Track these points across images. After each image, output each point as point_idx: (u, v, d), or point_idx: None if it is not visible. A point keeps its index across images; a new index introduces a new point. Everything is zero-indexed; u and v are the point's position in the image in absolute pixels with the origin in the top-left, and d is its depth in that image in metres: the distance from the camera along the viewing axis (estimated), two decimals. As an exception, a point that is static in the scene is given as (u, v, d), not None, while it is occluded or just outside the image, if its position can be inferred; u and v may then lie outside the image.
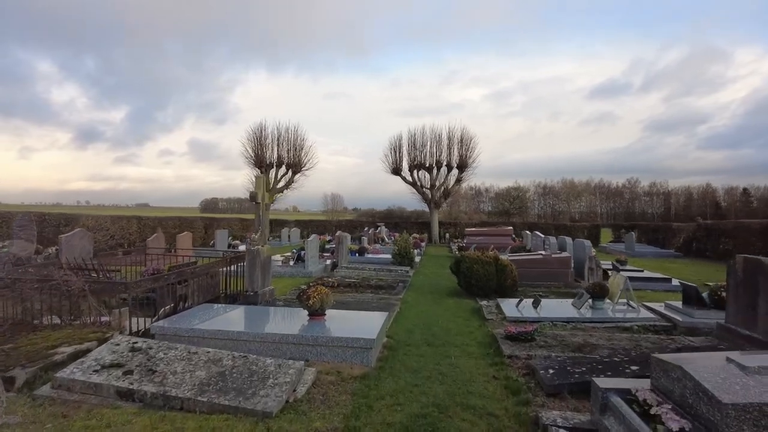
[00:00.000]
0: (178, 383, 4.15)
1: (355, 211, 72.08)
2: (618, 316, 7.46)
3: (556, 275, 11.59)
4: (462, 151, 27.87)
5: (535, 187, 73.38)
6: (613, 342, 6.08)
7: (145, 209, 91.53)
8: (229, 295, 8.04)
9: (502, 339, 6.09)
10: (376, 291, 9.87)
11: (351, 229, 28.73)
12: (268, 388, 4.13)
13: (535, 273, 11.40)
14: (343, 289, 10.10)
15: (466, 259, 9.72)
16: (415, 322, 7.30)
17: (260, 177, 7.74)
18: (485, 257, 9.67)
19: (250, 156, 27.89)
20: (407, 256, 14.00)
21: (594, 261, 9.71)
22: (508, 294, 9.48)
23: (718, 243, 20.35)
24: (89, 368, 4.31)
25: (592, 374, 4.49)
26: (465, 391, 4.53)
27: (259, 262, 7.57)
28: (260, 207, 7.70)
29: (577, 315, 7.49)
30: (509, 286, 9.56)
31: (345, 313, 6.34)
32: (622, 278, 7.72)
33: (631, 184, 76.52)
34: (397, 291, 9.88)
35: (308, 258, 12.60)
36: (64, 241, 11.90)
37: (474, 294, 9.55)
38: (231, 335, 5.34)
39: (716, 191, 73.36)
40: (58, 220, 15.77)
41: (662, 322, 7.21)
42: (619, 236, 29.19)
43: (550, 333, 6.49)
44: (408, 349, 5.81)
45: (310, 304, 5.62)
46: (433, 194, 28.42)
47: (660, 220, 63.35)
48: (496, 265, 9.56)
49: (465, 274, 9.64)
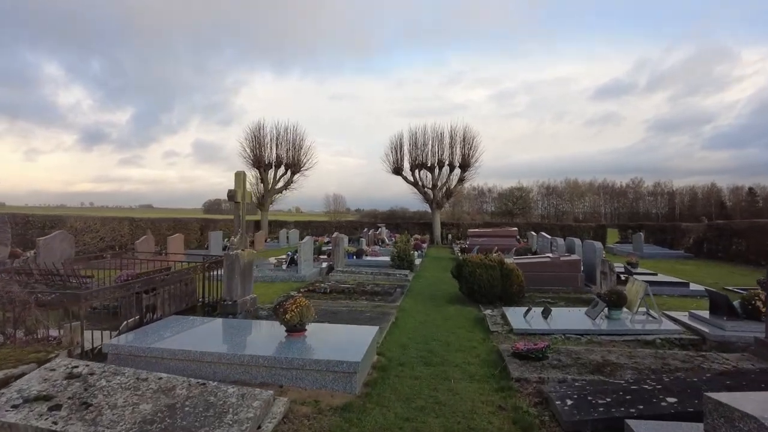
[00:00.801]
0: (115, 421, 3.36)
1: (357, 212, 71.37)
2: (637, 327, 6.64)
3: (564, 280, 10.77)
4: (465, 150, 27.04)
5: (538, 188, 72.51)
6: (636, 360, 5.26)
7: (149, 210, 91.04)
8: (207, 304, 7.27)
9: (509, 357, 5.28)
10: (372, 298, 9.06)
11: (352, 230, 27.95)
12: (225, 427, 3.34)
13: (542, 277, 10.58)
14: (335, 295, 9.30)
15: (469, 263, 8.91)
16: (411, 335, 6.50)
17: (240, 174, 6.96)
18: (489, 261, 8.85)
19: (248, 156, 27.16)
20: (407, 258, 13.20)
21: (607, 265, 8.90)
22: (514, 301, 8.67)
23: (731, 243, 19.45)
24: (8, 402, 3.53)
25: (620, 408, 3.68)
26: (466, 427, 3.72)
27: (238, 268, 6.79)
28: (240, 207, 6.91)
29: (592, 326, 6.67)
30: (515, 292, 8.74)
31: (330, 327, 5.54)
32: (641, 285, 6.90)
33: (635, 184, 75.64)
34: (393, 298, 9.08)
35: (301, 261, 11.82)
36: (42, 245, 11.17)
37: (477, 301, 8.74)
38: (194, 356, 4.56)
39: (721, 191, 72.36)
40: (43, 222, 15.05)
41: (688, 334, 6.37)
42: (626, 237, 28.29)
43: (563, 349, 5.67)
44: (401, 370, 5.01)
45: (286, 319, 4.83)
46: (435, 194, 27.59)
47: (665, 220, 62.42)
48: (500, 270, 8.75)
49: (467, 279, 8.83)
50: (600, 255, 10.80)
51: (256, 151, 26.94)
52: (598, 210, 74.43)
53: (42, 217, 15.76)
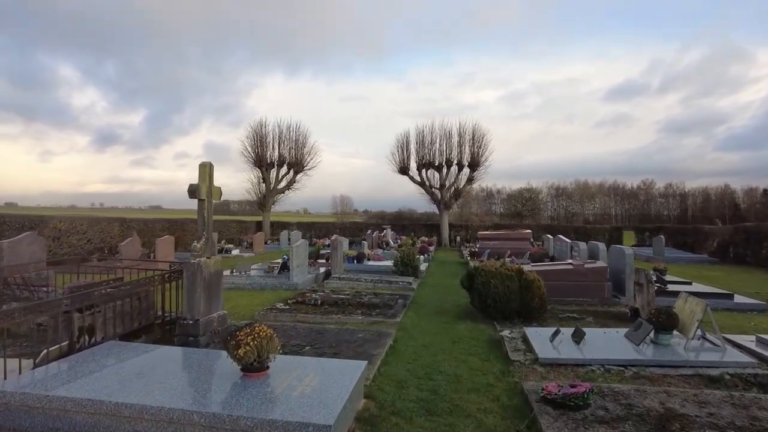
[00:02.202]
0: None
1: (365, 213, 70.15)
2: (693, 357, 5.24)
3: (589, 290, 9.37)
4: (474, 149, 25.58)
5: (547, 189, 70.67)
6: (710, 410, 3.88)
7: (156, 211, 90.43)
8: (168, 321, 5.98)
9: (538, 404, 3.93)
10: (368, 311, 7.73)
11: (357, 232, 26.65)
12: None
13: (563, 287, 9.19)
14: (327, 308, 7.98)
15: (482, 272, 7.56)
16: (411, 365, 5.16)
17: (205, 165, 5.66)
18: (506, 270, 7.49)
19: (250, 155, 25.97)
20: (411, 264, 11.87)
21: (643, 275, 7.50)
22: (534, 317, 7.30)
23: (760, 247, 17.87)
24: None
25: None
26: None
27: (201, 280, 5.49)
28: (204, 206, 5.62)
29: (636, 355, 5.29)
30: (536, 307, 7.37)
31: (303, 363, 4.20)
32: (699, 304, 5.49)
33: (646, 185, 73.61)
34: (394, 311, 7.74)
35: (294, 267, 10.53)
36: (6, 247, 9.96)
37: (491, 317, 7.38)
38: (107, 408, 3.26)
39: (735, 192, 70.14)
40: (21, 222, 13.90)
41: (765, 369, 4.97)
42: (643, 239, 26.70)
43: (606, 389, 4.30)
44: (395, 424, 3.67)
45: (239, 356, 3.52)
46: (443, 194, 26.17)
47: (676, 222, 60.59)
48: (519, 281, 7.39)
49: (480, 291, 7.48)
50: (630, 262, 9.39)
51: (257, 150, 25.74)
52: (609, 212, 72.62)
53: (20, 217, 14.62)
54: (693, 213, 68.14)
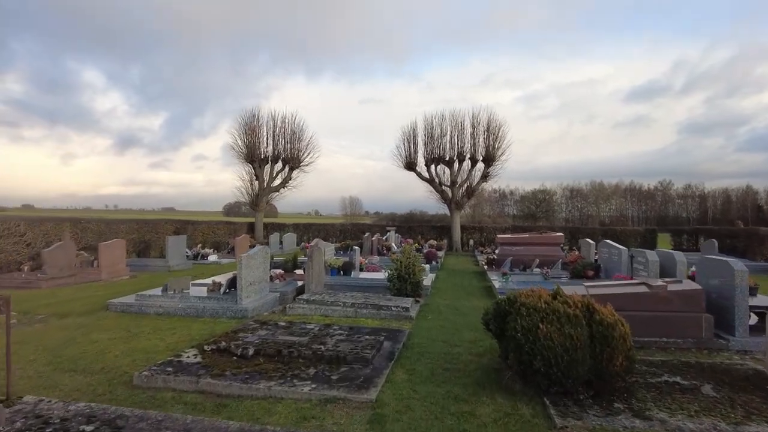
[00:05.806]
0: None
1: (376, 215, 66.77)
2: None
3: (677, 325, 5.95)
4: (489, 141, 21.97)
5: (562, 190, 66.48)
6: None
7: (167, 213, 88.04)
8: None
9: None
10: (327, 374, 4.39)
11: (361, 235, 23.33)
12: None
13: (634, 320, 5.75)
14: (259, 365, 4.63)
15: (522, 310, 4.18)
16: None
17: None
18: (565, 306, 4.10)
19: (241, 149, 22.79)
20: (411, 279, 8.49)
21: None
22: (616, 388, 3.91)
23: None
24: None
25: None
26: None
27: None
28: None
29: None
30: (618, 371, 3.97)
31: None
32: None
33: (664, 186, 69.07)
34: (370, 373, 4.39)
35: (242, 286, 7.24)
36: None
37: (538, 387, 4.01)
38: None
39: (758, 193, 65.27)
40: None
41: None
42: (680, 243, 22.91)
43: None
44: None
45: None
46: (455, 192, 22.61)
47: (696, 224, 56.28)
48: (590, 325, 4.00)
49: (520, 342, 4.08)
50: (743, 282, 5.91)
51: (249, 144, 22.55)
52: (625, 213, 68.30)
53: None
54: (713, 215, 63.84)
